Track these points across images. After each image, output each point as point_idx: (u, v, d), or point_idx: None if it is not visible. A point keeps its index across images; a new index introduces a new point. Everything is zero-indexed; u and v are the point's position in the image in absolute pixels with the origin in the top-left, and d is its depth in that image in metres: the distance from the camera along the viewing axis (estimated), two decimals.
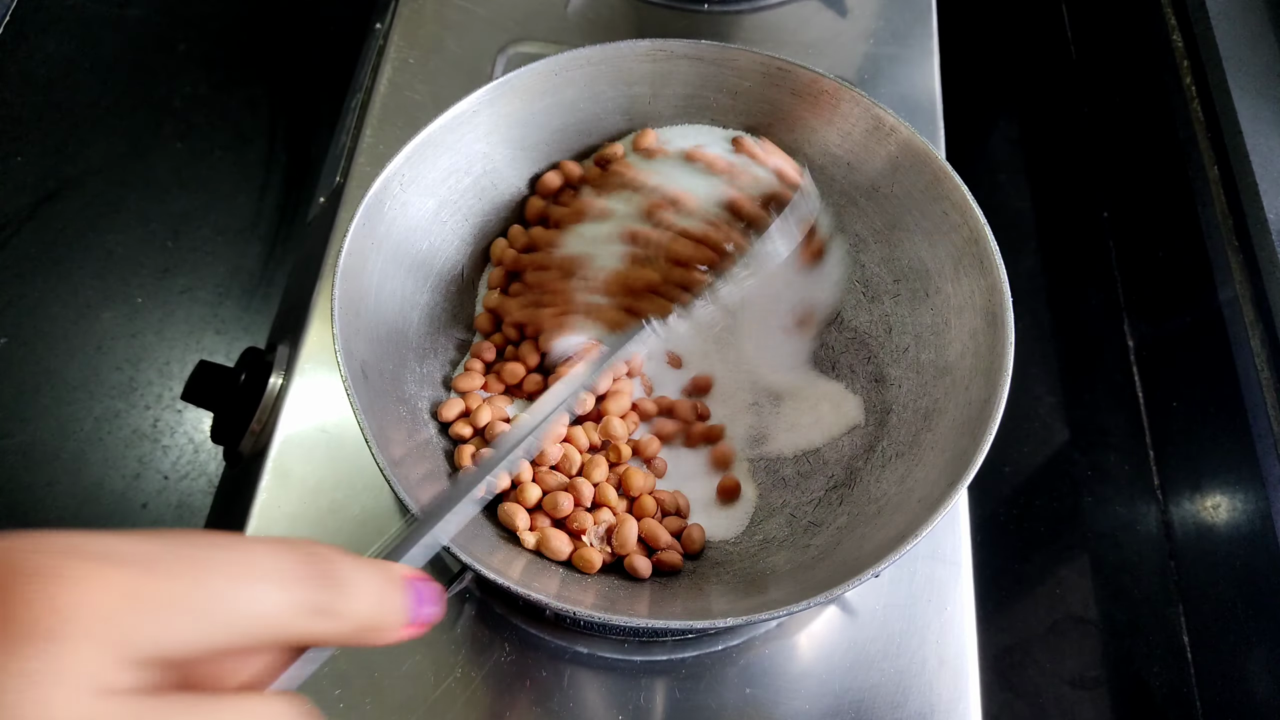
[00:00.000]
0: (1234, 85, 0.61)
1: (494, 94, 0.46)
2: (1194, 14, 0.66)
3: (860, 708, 0.44)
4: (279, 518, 0.46)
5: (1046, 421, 0.69)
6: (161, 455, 0.67)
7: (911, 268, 0.47)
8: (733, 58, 0.49)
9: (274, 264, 0.76)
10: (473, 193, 0.49)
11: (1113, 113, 0.79)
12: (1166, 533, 0.64)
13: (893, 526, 0.38)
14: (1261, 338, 0.57)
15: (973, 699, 0.44)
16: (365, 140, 0.59)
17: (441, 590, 0.25)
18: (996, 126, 0.84)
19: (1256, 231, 0.57)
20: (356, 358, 0.40)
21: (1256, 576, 0.55)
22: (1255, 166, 0.58)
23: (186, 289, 0.73)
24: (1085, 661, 0.60)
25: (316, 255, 0.56)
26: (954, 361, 0.43)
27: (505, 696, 0.43)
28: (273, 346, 0.54)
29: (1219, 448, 0.60)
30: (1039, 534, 0.65)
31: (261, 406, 0.51)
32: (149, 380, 0.70)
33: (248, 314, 0.73)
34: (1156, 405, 0.67)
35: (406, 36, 0.63)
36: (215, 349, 0.72)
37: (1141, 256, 0.72)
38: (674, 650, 0.45)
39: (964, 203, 0.44)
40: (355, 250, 0.42)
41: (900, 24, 0.66)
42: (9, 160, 0.75)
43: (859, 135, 0.48)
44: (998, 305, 0.41)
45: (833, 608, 0.47)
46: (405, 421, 0.42)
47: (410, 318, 0.46)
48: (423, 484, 0.40)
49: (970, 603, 0.47)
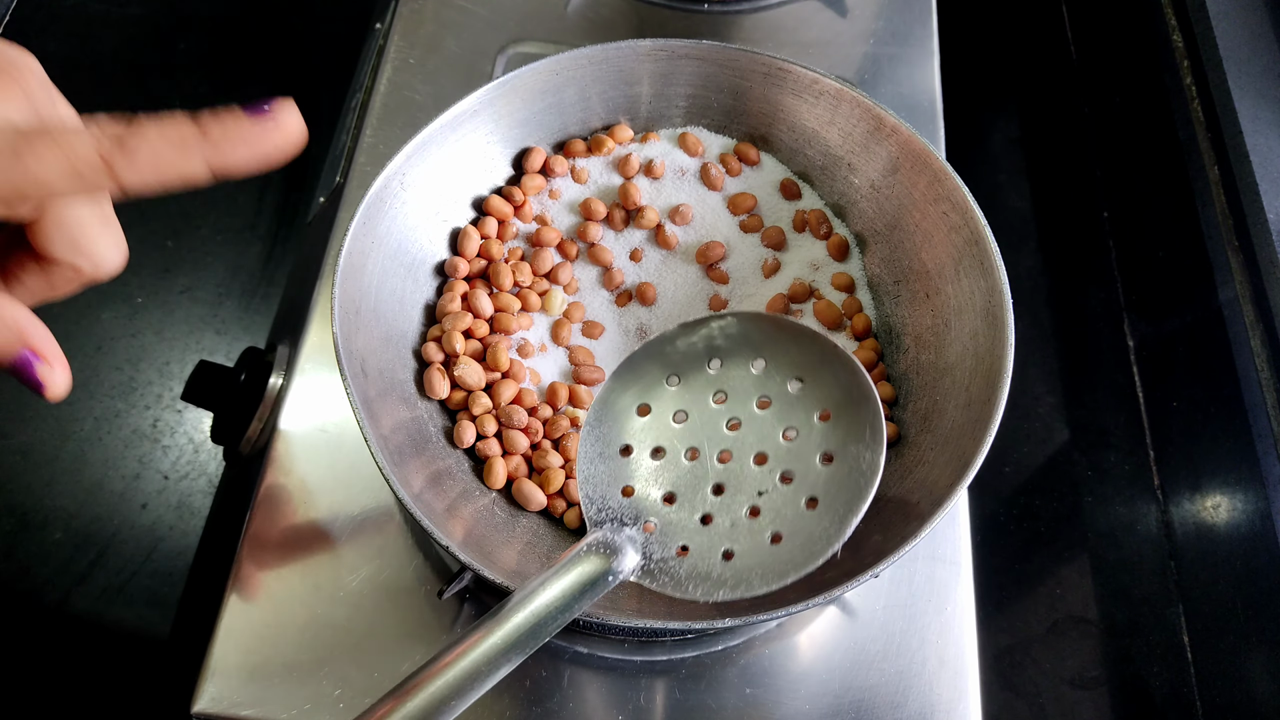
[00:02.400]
0: (1234, 85, 0.61)
1: (494, 94, 0.46)
2: (1194, 14, 0.66)
3: (860, 708, 0.44)
4: (279, 518, 0.46)
5: (1046, 421, 0.69)
6: (161, 455, 0.67)
7: (911, 268, 0.47)
8: (733, 58, 0.49)
9: (274, 264, 0.76)
10: (473, 192, 0.49)
11: (1113, 113, 0.79)
12: (1166, 533, 0.64)
13: (893, 527, 0.38)
14: (1261, 338, 0.57)
15: (973, 699, 0.44)
16: (365, 140, 0.59)
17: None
18: (996, 126, 0.84)
19: (1256, 231, 0.57)
20: (356, 357, 0.40)
21: (1256, 576, 0.55)
22: (1255, 166, 0.58)
23: (186, 289, 0.73)
24: (1085, 661, 0.60)
25: (316, 255, 0.56)
26: (954, 362, 0.43)
27: (505, 696, 0.43)
28: (273, 346, 0.54)
29: (1219, 448, 0.60)
30: (1039, 534, 0.65)
31: (261, 406, 0.51)
32: (149, 380, 0.70)
33: (248, 314, 0.73)
34: (1156, 405, 0.67)
35: (406, 36, 0.63)
36: (215, 349, 0.72)
37: (1141, 256, 0.72)
38: (674, 650, 0.45)
39: (964, 203, 0.44)
40: (355, 250, 0.42)
41: (900, 24, 0.66)
42: None
43: (859, 135, 0.48)
44: (998, 306, 0.41)
45: (833, 608, 0.47)
46: (405, 420, 0.42)
47: (410, 317, 0.46)
48: (423, 484, 0.40)
49: (970, 603, 0.47)
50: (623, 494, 0.36)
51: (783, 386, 0.36)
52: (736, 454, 0.36)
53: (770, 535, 0.34)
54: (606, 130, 0.52)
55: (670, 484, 0.36)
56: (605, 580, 0.33)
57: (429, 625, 0.45)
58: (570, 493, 0.43)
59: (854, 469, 0.33)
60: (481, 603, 0.45)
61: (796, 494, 0.34)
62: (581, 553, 0.33)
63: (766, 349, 0.37)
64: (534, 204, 0.50)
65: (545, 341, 0.48)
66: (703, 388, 0.37)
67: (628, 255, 0.50)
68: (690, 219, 0.50)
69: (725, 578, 0.33)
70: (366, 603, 0.45)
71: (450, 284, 0.47)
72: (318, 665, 0.43)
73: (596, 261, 0.49)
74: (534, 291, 0.48)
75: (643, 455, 0.37)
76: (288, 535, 0.46)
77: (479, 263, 0.48)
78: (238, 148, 0.24)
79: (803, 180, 0.51)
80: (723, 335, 0.37)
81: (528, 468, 0.44)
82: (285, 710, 0.42)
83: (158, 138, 0.23)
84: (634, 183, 0.50)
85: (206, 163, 0.24)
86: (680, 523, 0.35)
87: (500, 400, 0.44)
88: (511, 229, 0.49)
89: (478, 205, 0.49)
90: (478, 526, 0.41)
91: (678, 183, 0.50)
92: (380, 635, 0.44)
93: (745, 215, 0.50)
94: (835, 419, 0.35)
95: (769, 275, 0.49)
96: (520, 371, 0.46)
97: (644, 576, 0.34)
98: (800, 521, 0.34)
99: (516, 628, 0.31)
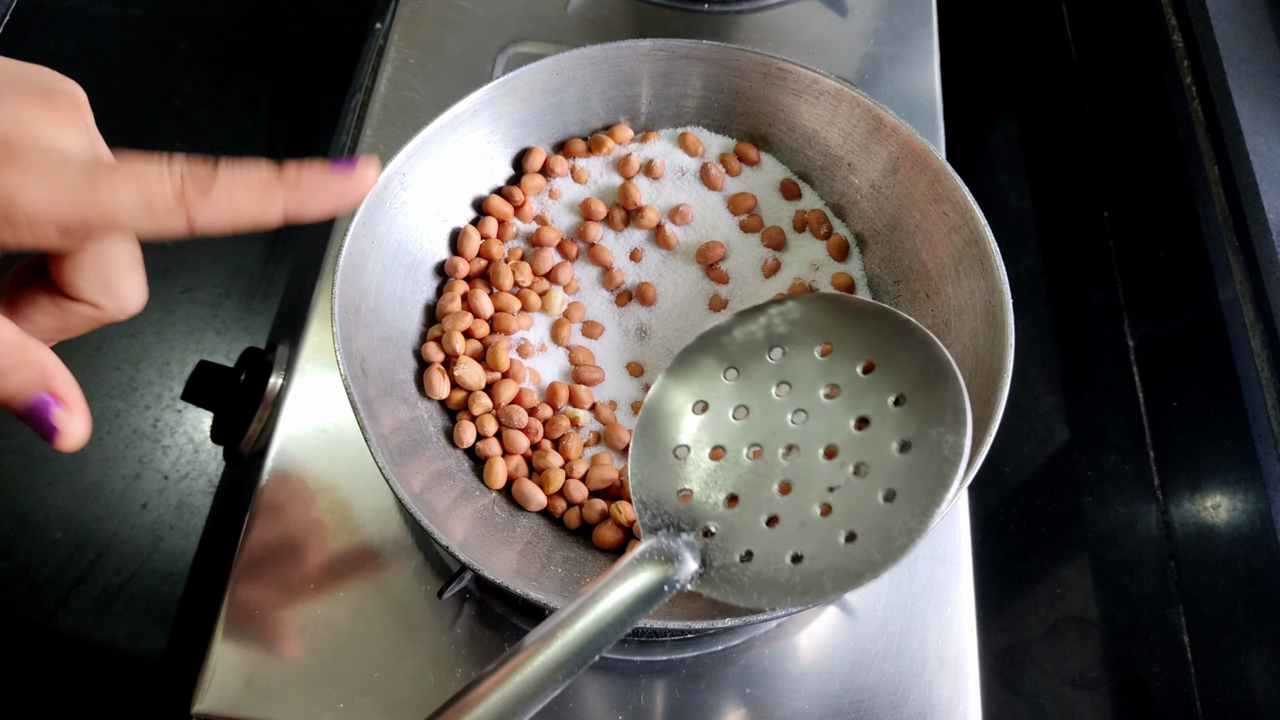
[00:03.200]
0: (1234, 85, 0.61)
1: (494, 94, 0.46)
2: (1194, 14, 0.66)
3: (860, 708, 0.44)
4: (279, 518, 0.46)
5: (1046, 421, 0.69)
6: (161, 455, 0.67)
7: (911, 268, 0.47)
8: (733, 58, 0.49)
9: (274, 264, 0.75)
10: (473, 192, 0.49)
11: (1113, 113, 0.79)
12: (1166, 533, 0.64)
13: None
14: (1261, 338, 0.57)
15: (973, 699, 0.44)
16: (365, 140, 0.59)
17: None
18: (996, 126, 0.84)
19: (1256, 231, 0.57)
20: (356, 357, 0.40)
21: (1256, 576, 0.55)
22: (1255, 166, 0.58)
23: (186, 289, 0.73)
24: (1085, 661, 0.60)
25: (316, 255, 0.56)
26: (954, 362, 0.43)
27: None
28: (273, 346, 0.54)
29: (1219, 448, 0.60)
30: (1039, 534, 0.65)
31: (261, 406, 0.51)
32: (149, 380, 0.70)
33: (248, 314, 0.73)
34: (1156, 405, 0.67)
35: (406, 36, 0.63)
36: (215, 349, 0.72)
37: (1141, 256, 0.72)
38: (674, 650, 0.45)
39: (964, 203, 0.44)
40: (355, 250, 0.42)
41: (900, 24, 0.66)
42: None
43: (859, 135, 0.48)
44: (998, 306, 0.41)
45: (833, 608, 0.47)
46: (405, 421, 0.42)
47: (410, 317, 0.46)
48: (423, 484, 0.40)
49: (970, 603, 0.47)
50: (680, 498, 0.34)
51: (852, 371, 0.33)
52: (804, 448, 0.33)
53: (845, 534, 0.31)
54: (606, 130, 0.52)
55: (732, 485, 0.33)
56: (662, 591, 0.30)
57: (429, 625, 0.45)
58: (570, 493, 0.43)
59: (935, 455, 0.31)
60: (482, 603, 0.45)
61: (872, 487, 0.31)
62: (635, 561, 0.31)
63: (832, 331, 0.34)
64: (534, 204, 0.50)
65: (545, 341, 0.48)
66: (764, 379, 0.34)
67: (628, 255, 0.50)
68: (690, 219, 0.50)
69: (794, 583, 0.31)
70: (366, 603, 0.45)
71: (450, 284, 0.47)
72: (317, 665, 0.43)
73: (596, 261, 0.49)
74: (534, 291, 0.48)
75: (701, 455, 0.34)
76: (288, 535, 0.46)
77: (479, 263, 0.48)
78: (316, 196, 0.25)
79: (803, 180, 0.51)
80: (784, 321, 0.34)
81: (528, 468, 0.44)
82: (285, 710, 0.42)
83: (238, 182, 0.23)
84: (634, 183, 0.50)
85: (283, 208, 0.24)
86: (744, 526, 0.32)
87: (500, 400, 0.44)
88: (511, 229, 0.49)
89: (478, 205, 0.49)
90: (478, 526, 0.41)
91: (678, 183, 0.50)
92: (380, 635, 0.44)
93: (745, 215, 0.50)
94: (912, 402, 0.32)
95: (769, 275, 0.49)
96: (520, 371, 0.46)
97: (703, 585, 0.32)
98: (877, 516, 0.31)
99: (569, 644, 0.28)
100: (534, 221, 0.50)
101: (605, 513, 0.43)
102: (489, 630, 0.45)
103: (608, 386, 0.48)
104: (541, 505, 0.44)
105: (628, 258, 0.50)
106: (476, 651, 0.44)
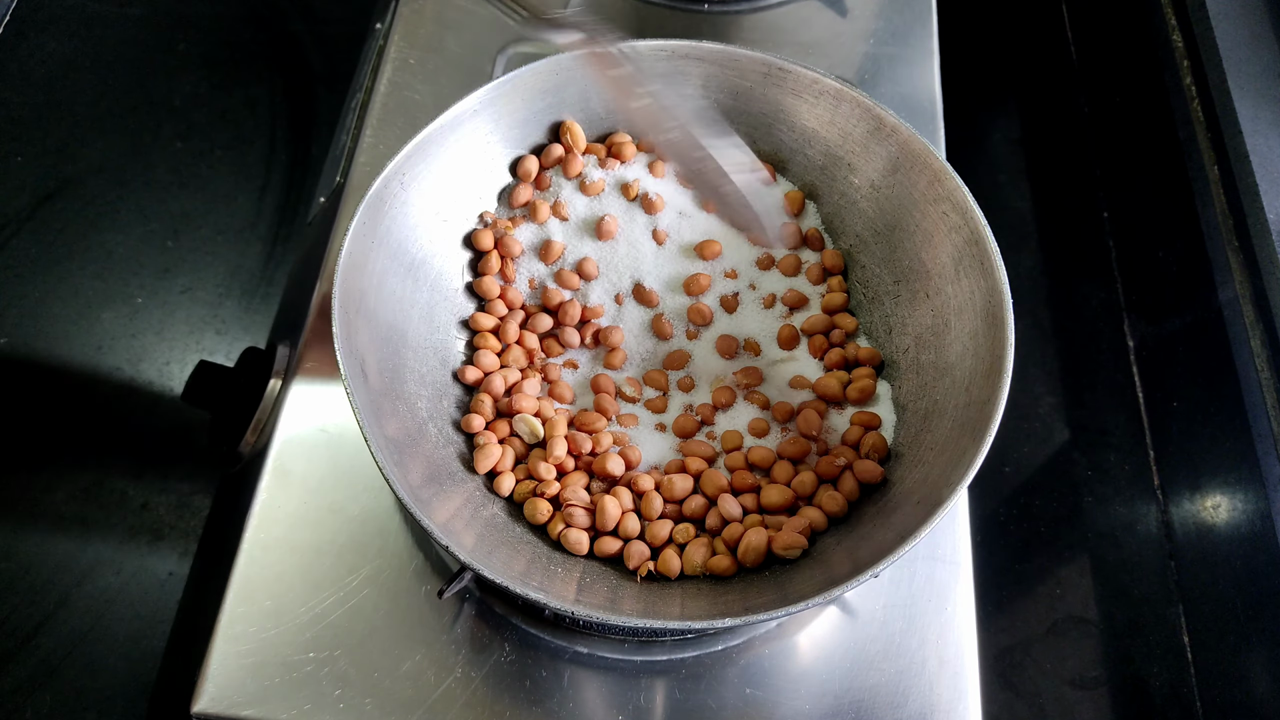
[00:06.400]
0: (1234, 85, 0.61)
1: (494, 94, 0.46)
2: (1194, 14, 0.66)
3: (860, 708, 0.44)
4: (279, 518, 0.46)
5: (1046, 421, 0.69)
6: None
7: (911, 268, 0.47)
8: (733, 58, 0.49)
9: (274, 264, 0.76)
10: (473, 192, 0.49)
11: (1113, 113, 0.79)
12: (1166, 533, 0.64)
13: (892, 526, 0.38)
14: (1261, 338, 0.57)
15: (973, 699, 0.44)
16: (365, 140, 0.59)
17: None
18: (996, 126, 0.84)
19: (1256, 231, 0.57)
20: (356, 357, 0.40)
21: (1256, 576, 0.55)
22: (1255, 166, 0.58)
23: (186, 289, 0.73)
24: (1085, 661, 0.60)
25: (316, 255, 0.56)
26: (954, 362, 0.43)
27: (505, 696, 0.43)
28: (273, 346, 0.54)
29: (1219, 448, 0.60)
30: (1039, 534, 0.65)
31: (261, 407, 0.51)
32: (149, 380, 0.70)
33: (248, 314, 0.73)
34: (1156, 405, 0.67)
35: (406, 36, 0.63)
36: (215, 349, 0.72)
37: (1141, 256, 0.72)
38: (674, 650, 0.45)
39: (964, 203, 0.44)
40: (355, 250, 0.42)
41: (900, 24, 0.66)
42: (9, 160, 0.75)
43: (859, 135, 0.48)
44: (998, 306, 0.41)
45: (833, 608, 0.47)
46: (405, 421, 0.42)
47: (410, 317, 0.46)
48: (422, 484, 0.40)
49: (970, 603, 0.47)
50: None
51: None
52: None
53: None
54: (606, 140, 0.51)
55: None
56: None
57: (429, 625, 0.45)
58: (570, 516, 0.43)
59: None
60: (481, 603, 0.45)
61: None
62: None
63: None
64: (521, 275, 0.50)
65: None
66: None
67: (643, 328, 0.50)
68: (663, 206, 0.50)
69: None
70: (366, 603, 0.45)
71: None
72: (318, 665, 0.43)
73: (606, 342, 0.49)
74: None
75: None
76: (288, 535, 0.46)
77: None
78: None
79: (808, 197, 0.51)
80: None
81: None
82: (285, 710, 0.42)
83: None
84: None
85: None
86: None
87: (565, 486, 0.44)
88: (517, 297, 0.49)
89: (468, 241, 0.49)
90: (478, 527, 0.41)
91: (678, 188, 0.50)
92: (380, 635, 0.44)
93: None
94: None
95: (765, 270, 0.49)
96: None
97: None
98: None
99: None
100: (531, 287, 0.50)
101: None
102: (489, 630, 0.45)
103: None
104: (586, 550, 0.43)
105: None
106: (476, 651, 0.44)
